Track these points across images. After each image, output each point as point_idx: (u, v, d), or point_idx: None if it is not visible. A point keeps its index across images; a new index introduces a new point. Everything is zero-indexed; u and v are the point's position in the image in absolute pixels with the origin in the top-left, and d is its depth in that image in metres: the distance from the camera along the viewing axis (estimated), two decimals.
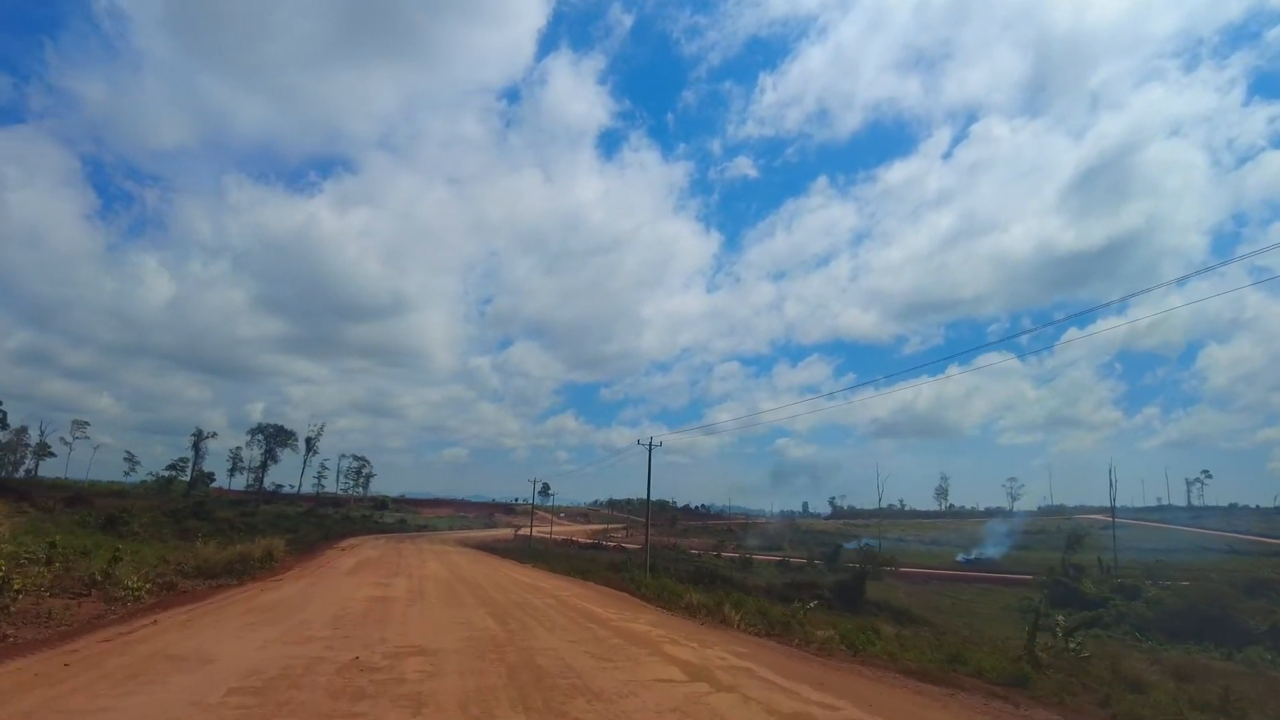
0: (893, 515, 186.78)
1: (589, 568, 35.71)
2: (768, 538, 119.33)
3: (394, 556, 31.33)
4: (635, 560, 51.40)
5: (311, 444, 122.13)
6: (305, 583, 18.04)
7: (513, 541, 73.63)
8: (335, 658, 8.50)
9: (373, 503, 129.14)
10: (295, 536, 40.06)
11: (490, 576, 24.18)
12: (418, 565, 26.13)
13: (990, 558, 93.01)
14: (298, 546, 34.64)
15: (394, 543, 44.21)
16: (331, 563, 25.44)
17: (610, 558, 57.91)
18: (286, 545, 30.19)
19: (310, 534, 43.47)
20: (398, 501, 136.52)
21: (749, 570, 72.54)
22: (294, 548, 34.39)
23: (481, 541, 63.78)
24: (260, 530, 39.05)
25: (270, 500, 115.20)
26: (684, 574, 39.27)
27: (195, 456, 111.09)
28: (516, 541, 74.12)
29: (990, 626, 35.57)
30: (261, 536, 33.20)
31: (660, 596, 23.45)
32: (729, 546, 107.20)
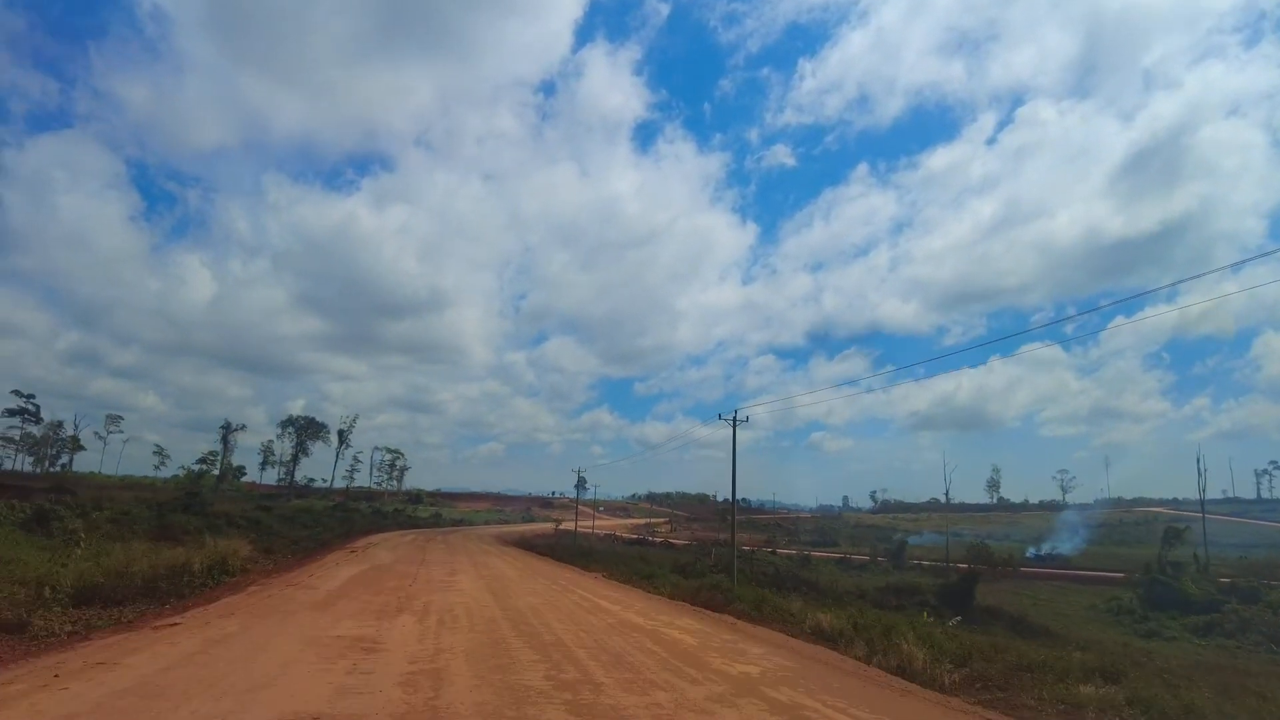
0: (940, 509, 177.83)
1: (653, 571, 28.75)
2: (819, 532, 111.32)
3: (413, 563, 23.43)
4: (691, 560, 44.53)
5: (344, 437, 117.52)
6: (217, 630, 10.03)
7: (554, 537, 67.32)
8: None
9: (407, 496, 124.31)
10: (307, 534, 34.01)
11: (556, 601, 15.58)
12: (444, 579, 17.85)
13: (1061, 553, 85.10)
14: (299, 547, 28.41)
15: (422, 541, 37.95)
16: (312, 578, 17.30)
17: (667, 557, 51.01)
18: (274, 547, 23.77)
19: (325, 531, 37.45)
20: (433, 495, 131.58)
21: (810, 568, 67.25)
22: (294, 549, 28.05)
23: (521, 537, 57.37)
24: (268, 527, 33.03)
25: (303, 494, 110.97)
26: (759, 578, 32.59)
27: (224, 449, 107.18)
28: (558, 537, 67.79)
29: (1085, 629, 31.98)
30: (252, 535, 26.87)
31: (765, 613, 16.64)
32: (781, 542, 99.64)
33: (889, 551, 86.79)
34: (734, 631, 13.89)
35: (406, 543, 35.85)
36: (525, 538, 53.65)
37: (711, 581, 23.50)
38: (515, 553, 35.54)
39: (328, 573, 17.62)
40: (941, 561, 77.89)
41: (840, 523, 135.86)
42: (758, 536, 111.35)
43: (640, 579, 25.75)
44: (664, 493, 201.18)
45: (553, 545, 48.41)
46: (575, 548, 45.53)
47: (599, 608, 14.83)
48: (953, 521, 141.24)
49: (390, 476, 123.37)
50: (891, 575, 73.78)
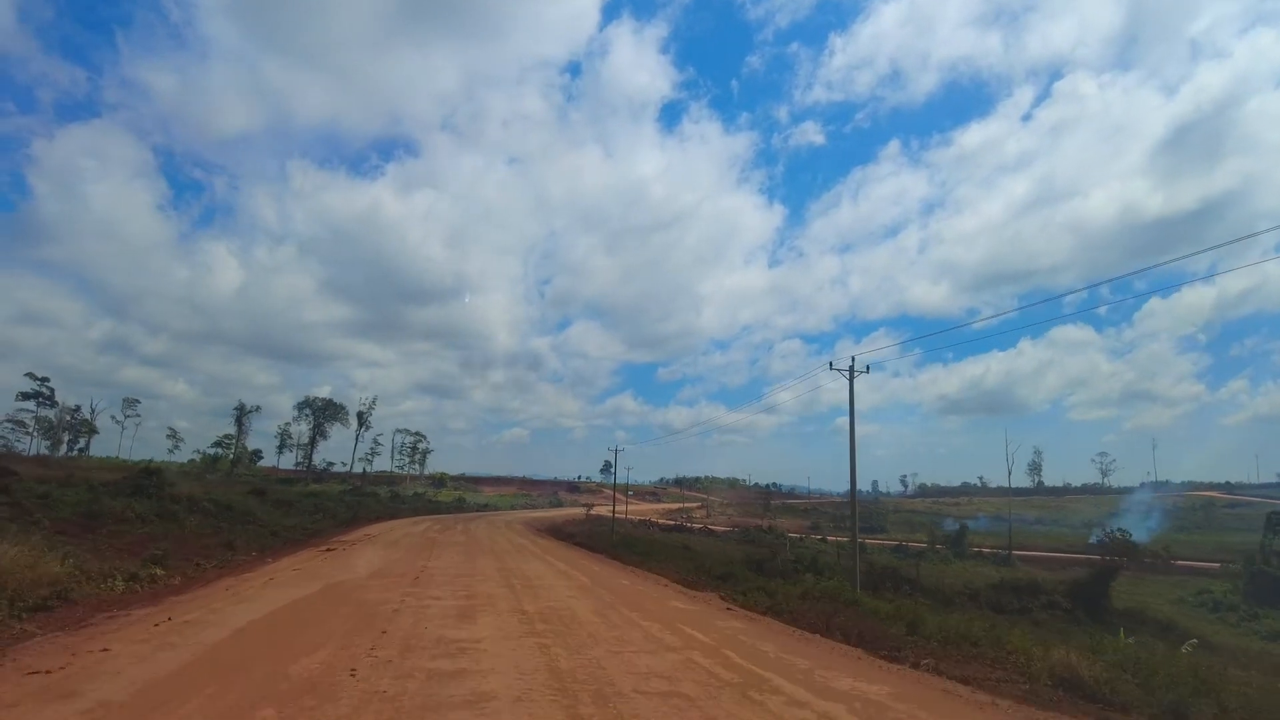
0: (978, 493, 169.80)
1: (728, 570, 21.92)
2: (863, 517, 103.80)
3: (405, 577, 15.08)
4: (767, 554, 37.88)
5: (363, 419, 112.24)
6: None
7: (586, 522, 61.05)
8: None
9: (430, 480, 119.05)
10: (297, 524, 27.68)
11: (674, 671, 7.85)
12: (447, 619, 10.02)
13: (1131, 540, 77.29)
14: (277, 540, 22.14)
15: (436, 531, 31.32)
16: (246, 586, 12.06)
17: (719, 548, 44.30)
18: (237, 542, 17.28)
19: (323, 519, 31.25)
20: (457, 479, 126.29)
21: (863, 559, 60.74)
22: (268, 543, 21.68)
23: (552, 523, 51.05)
24: (248, 515, 26.65)
25: (321, 478, 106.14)
26: (845, 574, 26.02)
27: (239, 432, 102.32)
28: (590, 523, 61.47)
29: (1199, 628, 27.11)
30: (216, 525, 20.48)
31: (962, 651, 10.03)
32: (826, 528, 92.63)
33: (947, 538, 79.88)
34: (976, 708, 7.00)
35: (416, 534, 28.76)
36: (557, 525, 47.23)
37: (820, 588, 16.65)
38: (552, 545, 28.76)
39: (224, 604, 10.20)
40: (1002, 548, 70.86)
41: (879, 507, 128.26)
42: (800, 521, 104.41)
43: (715, 581, 19.00)
44: (693, 477, 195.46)
45: (589, 534, 41.98)
46: (615, 536, 39.07)
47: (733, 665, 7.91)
48: (997, 506, 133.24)
49: (412, 460, 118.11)
50: (952, 562, 67.09)
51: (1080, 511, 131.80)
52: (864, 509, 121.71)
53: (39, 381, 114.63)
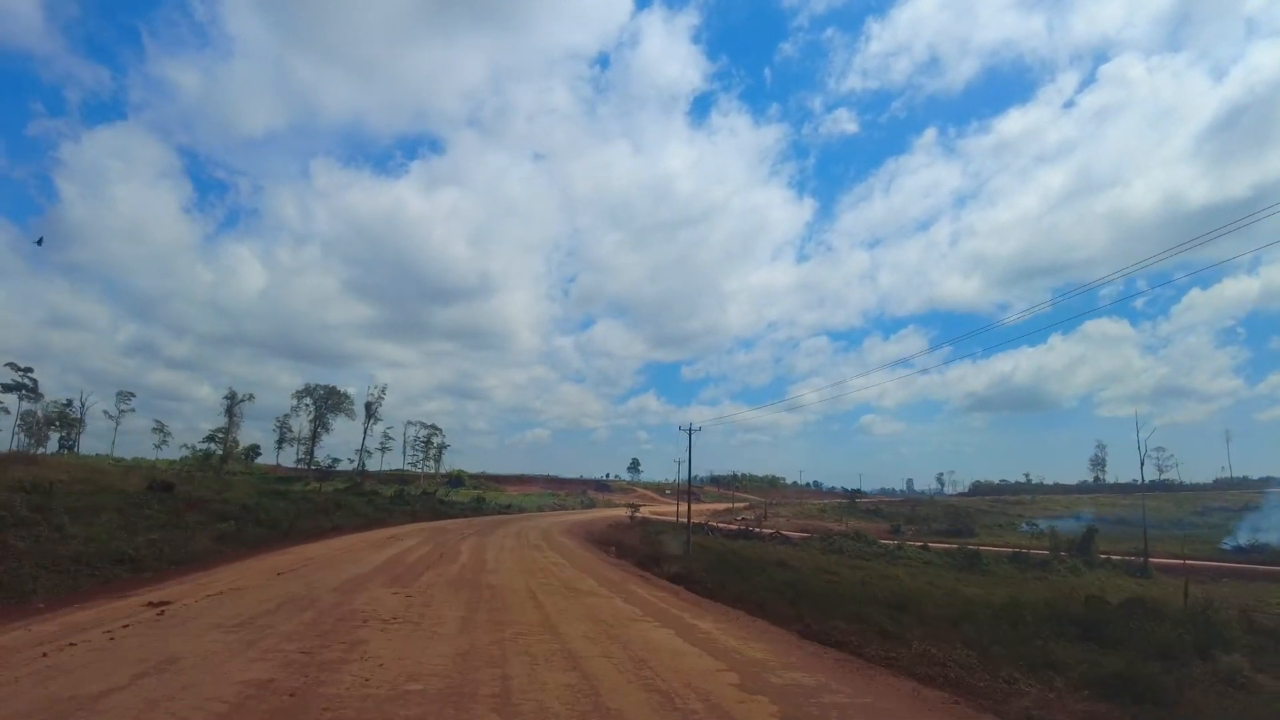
0: (1038, 490, 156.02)
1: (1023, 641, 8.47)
2: (947, 519, 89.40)
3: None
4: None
5: (372, 410, 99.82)
6: None
7: (634, 527, 48.01)
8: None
9: (446, 479, 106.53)
10: (213, 543, 14.88)
11: None
12: None
13: (1270, 544, 63.42)
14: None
15: (419, 556, 17.28)
16: None
17: (885, 576, 30.91)
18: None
19: (266, 532, 18.69)
20: (477, 478, 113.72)
21: (978, 568, 47.69)
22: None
23: (598, 531, 37.99)
24: (154, 522, 13.85)
25: (326, 476, 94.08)
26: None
27: (230, 424, 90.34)
28: (642, 529, 48.38)
29: None
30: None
31: None
32: (907, 532, 78.56)
33: (1070, 543, 65.84)
34: None
35: (378, 564, 14.94)
36: (604, 533, 34.03)
37: None
38: (635, 583, 14.88)
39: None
40: (1134, 554, 57.85)
41: (934, 506, 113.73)
42: (873, 524, 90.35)
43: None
44: (726, 475, 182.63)
45: (654, 546, 28.99)
46: (711, 556, 25.84)
47: None
48: (1070, 504, 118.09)
49: (426, 456, 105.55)
50: (1084, 574, 54.55)
51: (1161, 510, 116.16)
52: (933, 510, 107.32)
53: (21, 372, 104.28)
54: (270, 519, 21.57)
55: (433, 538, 24.26)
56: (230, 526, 18.67)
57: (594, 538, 31.48)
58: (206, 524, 19.47)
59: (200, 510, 22.02)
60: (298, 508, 27.96)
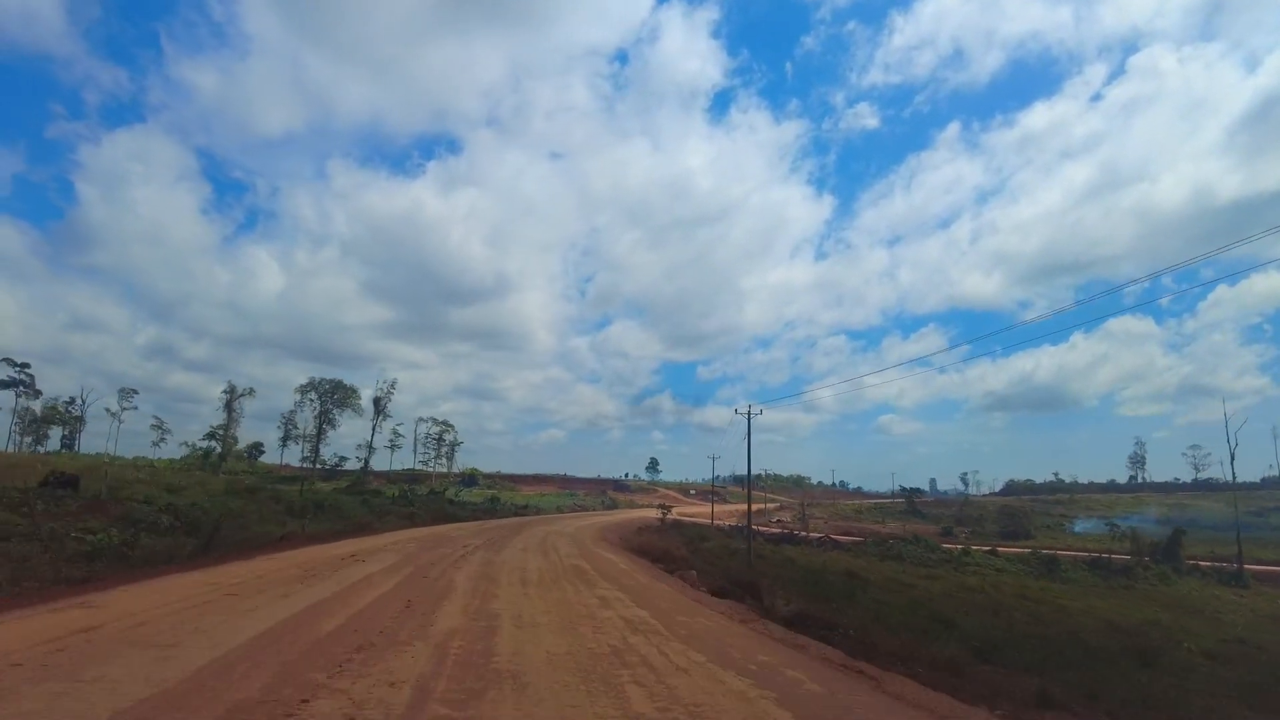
0: (1074, 489, 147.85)
1: None
2: (1000, 520, 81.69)
3: None
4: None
5: (381, 405, 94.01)
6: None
7: (668, 530, 41.59)
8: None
9: (460, 478, 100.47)
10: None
11: None
12: None
13: None
14: None
15: (401, 580, 12.28)
16: None
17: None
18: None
19: (187, 547, 12.67)
20: (491, 477, 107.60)
21: (1058, 575, 43.48)
22: None
23: (628, 534, 31.59)
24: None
25: (331, 476, 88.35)
26: None
27: (229, 420, 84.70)
28: (674, 530, 41.99)
29: None
30: None
31: None
32: (959, 535, 71.37)
33: (1154, 547, 59.58)
34: None
35: (235, 646, 6.49)
36: (645, 544, 27.50)
37: None
38: (774, 653, 8.50)
39: None
40: (1223, 560, 51.72)
41: (972, 507, 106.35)
42: (928, 527, 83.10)
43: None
44: (756, 473, 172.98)
45: (712, 557, 22.52)
46: (770, 569, 19.20)
47: None
48: (1110, 504, 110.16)
49: (438, 454, 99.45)
50: (1174, 582, 49.02)
51: (1213, 511, 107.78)
52: (983, 510, 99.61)
53: (17, 368, 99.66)
54: (195, 525, 15.24)
55: (418, 555, 16.97)
56: (110, 538, 12.26)
57: (637, 547, 24.83)
58: (98, 531, 13.18)
59: (103, 513, 15.73)
60: (261, 510, 21.65)
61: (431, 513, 38.47)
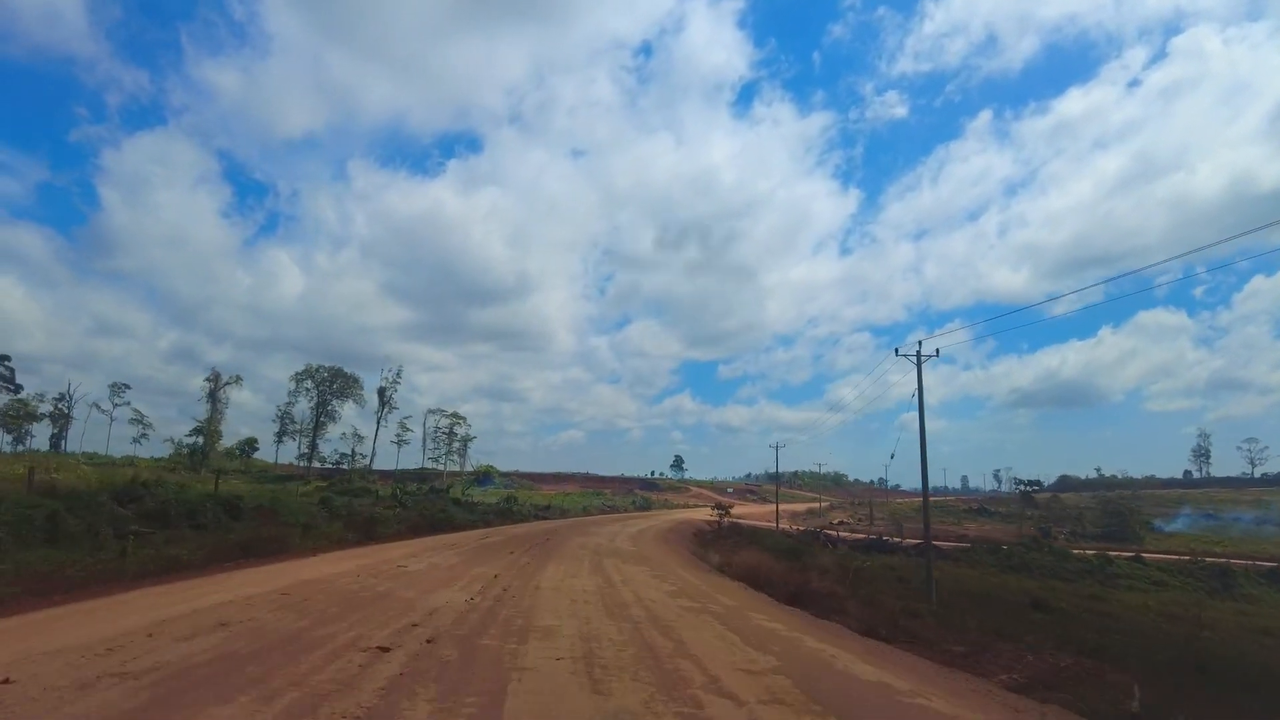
0: (1131, 485, 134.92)
1: None
2: (1104, 519, 69.58)
3: None
4: None
5: (386, 396, 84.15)
6: None
7: (738, 535, 31.01)
8: None
9: (474, 476, 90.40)
10: None
11: None
12: None
13: None
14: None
15: None
16: None
17: None
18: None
19: None
20: (508, 476, 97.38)
21: (1235, 592, 35.73)
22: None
23: (714, 555, 21.03)
24: None
25: (330, 475, 78.82)
26: None
27: (212, 411, 75.09)
28: (746, 535, 31.43)
29: None
30: None
31: None
32: (1056, 535, 60.02)
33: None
34: None
35: None
36: (746, 561, 17.15)
37: None
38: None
39: None
40: None
41: (1058, 504, 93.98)
42: (1005, 527, 71.61)
43: None
44: (786, 472, 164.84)
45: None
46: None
47: None
48: (1177, 500, 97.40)
49: (449, 450, 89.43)
50: None
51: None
52: (1079, 507, 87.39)
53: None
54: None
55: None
56: None
57: (743, 572, 14.21)
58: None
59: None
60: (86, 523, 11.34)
61: (427, 519, 27.94)
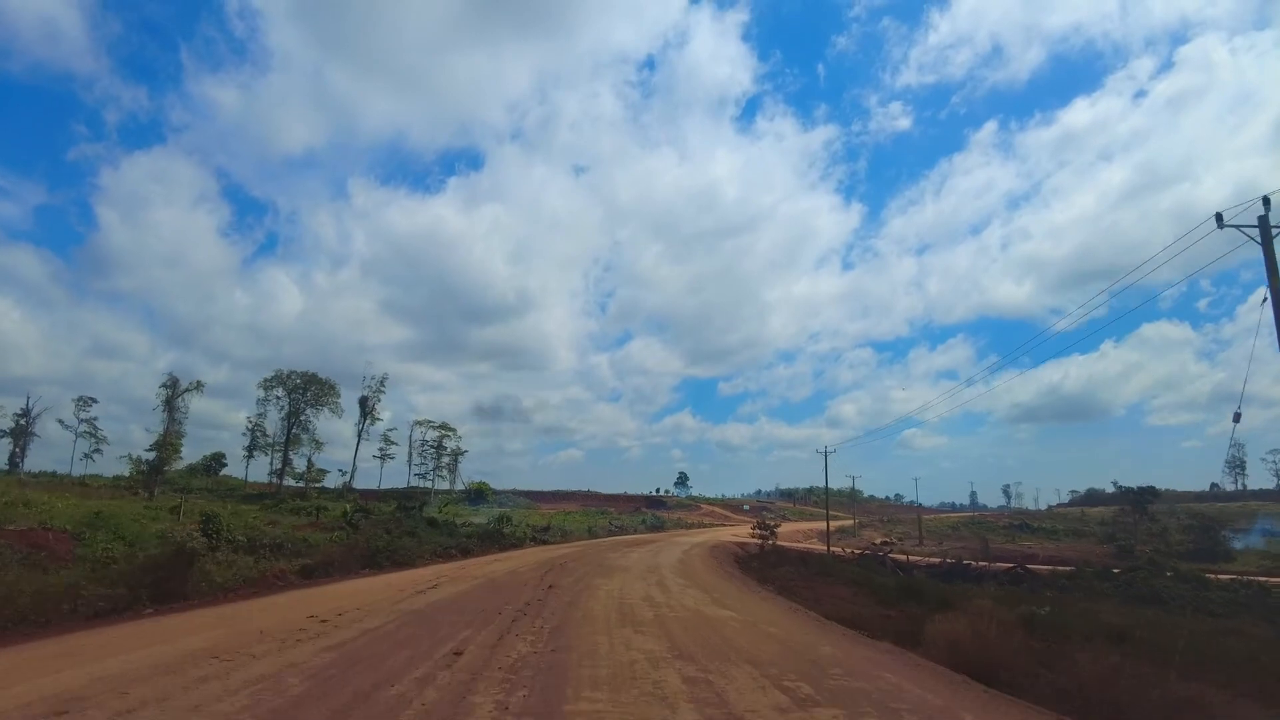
0: (1163, 499, 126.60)
1: None
2: (1193, 533, 61.06)
3: None
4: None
5: (368, 407, 75.96)
6: None
7: (793, 563, 22.93)
8: None
9: (465, 494, 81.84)
10: None
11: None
12: None
13: None
14: None
15: None
16: None
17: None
18: None
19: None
20: (503, 494, 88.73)
21: None
22: None
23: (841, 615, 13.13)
24: None
25: (307, 494, 70.44)
26: None
27: (168, 420, 66.59)
28: (793, 563, 23.25)
29: None
30: None
31: None
32: (1143, 555, 51.67)
33: None
34: None
35: None
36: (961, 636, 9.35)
37: None
38: None
39: None
40: None
41: (1126, 516, 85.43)
42: (1077, 545, 63.29)
43: None
44: (800, 489, 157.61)
45: None
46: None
47: None
48: (1223, 514, 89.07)
49: (438, 465, 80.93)
50: None
51: None
52: (1151, 527, 78.72)
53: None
54: None
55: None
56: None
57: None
58: None
59: None
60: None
61: (351, 551, 19.61)
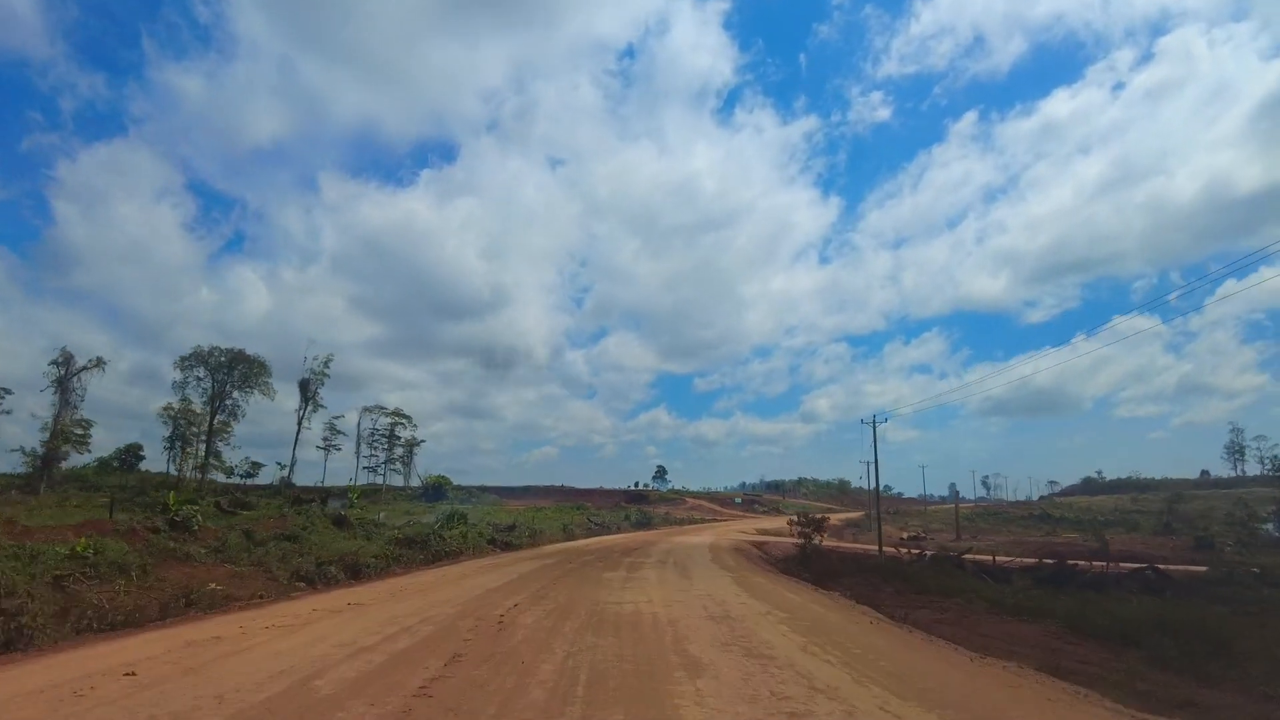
0: (1150, 486, 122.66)
1: None
2: (1240, 529, 54.35)
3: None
4: None
5: (309, 390, 65.75)
6: None
7: (872, 570, 14.62)
8: None
9: (422, 490, 71.95)
10: None
11: None
12: None
13: None
14: None
15: None
16: None
17: None
18: None
19: None
20: (467, 490, 78.71)
21: None
22: None
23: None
24: None
25: (239, 495, 60.14)
26: None
27: (60, 406, 55.78)
28: (849, 566, 15.14)
29: None
30: None
31: None
32: (1225, 548, 44.34)
33: None
34: None
35: None
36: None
37: None
38: None
39: None
40: None
41: (1192, 502, 79.36)
42: (1137, 538, 55.79)
43: None
44: (789, 480, 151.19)
45: None
46: None
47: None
48: (1232, 501, 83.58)
49: (390, 457, 70.92)
50: None
51: None
52: (1192, 516, 71.93)
53: None
54: None
55: None
56: None
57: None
58: None
59: None
60: None
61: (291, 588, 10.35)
